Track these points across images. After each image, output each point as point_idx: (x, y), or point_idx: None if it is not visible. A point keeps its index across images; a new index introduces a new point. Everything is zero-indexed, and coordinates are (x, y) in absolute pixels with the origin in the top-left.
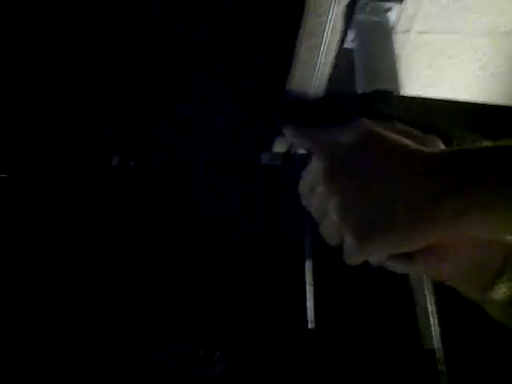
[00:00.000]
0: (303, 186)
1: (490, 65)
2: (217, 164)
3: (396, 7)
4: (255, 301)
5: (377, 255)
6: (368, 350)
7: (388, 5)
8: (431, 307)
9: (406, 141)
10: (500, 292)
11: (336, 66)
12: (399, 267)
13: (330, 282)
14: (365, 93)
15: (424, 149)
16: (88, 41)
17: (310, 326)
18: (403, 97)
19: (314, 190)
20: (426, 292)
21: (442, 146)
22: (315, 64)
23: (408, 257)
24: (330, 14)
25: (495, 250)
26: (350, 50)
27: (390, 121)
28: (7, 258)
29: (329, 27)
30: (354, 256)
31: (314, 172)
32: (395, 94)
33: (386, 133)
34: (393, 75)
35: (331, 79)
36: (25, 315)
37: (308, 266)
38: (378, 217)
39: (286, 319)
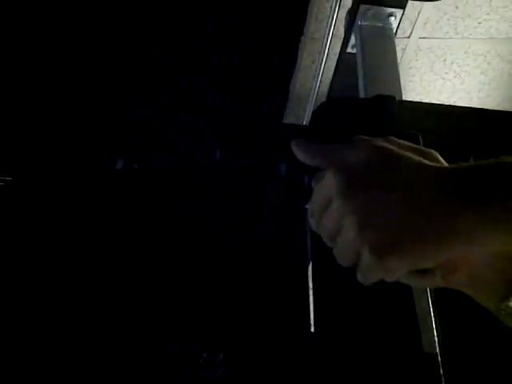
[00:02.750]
0: (314, 204)
1: (491, 70)
2: (221, 166)
3: (398, 13)
4: (258, 304)
5: (396, 271)
6: (368, 354)
7: (390, 10)
8: (432, 311)
9: (417, 157)
10: None
11: (338, 71)
12: (416, 282)
13: (330, 286)
14: (367, 98)
15: (438, 164)
16: (93, 44)
17: (311, 329)
18: (405, 102)
19: (328, 208)
20: (427, 295)
21: (442, 160)
22: (317, 69)
23: (425, 271)
24: (332, 19)
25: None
26: (352, 55)
27: (391, 125)
28: (11, 261)
29: (331, 32)
30: (371, 274)
31: (326, 189)
32: (397, 99)
33: (396, 149)
34: (395, 80)
35: (333, 84)
36: (27, 318)
37: (308, 269)
38: (398, 232)
39: (288, 323)
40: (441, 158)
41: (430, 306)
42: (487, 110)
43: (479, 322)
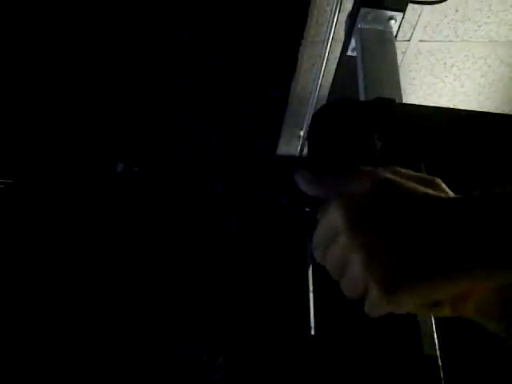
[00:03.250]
0: (319, 238)
1: (491, 73)
2: (220, 169)
3: (398, 16)
4: (258, 307)
5: (406, 306)
6: (369, 356)
7: (390, 13)
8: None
9: (422, 188)
10: None
11: (338, 74)
12: (424, 313)
13: (330, 289)
14: (367, 101)
15: (443, 195)
16: (93, 47)
17: (311, 332)
18: (405, 105)
19: (334, 242)
20: None
21: (445, 186)
22: (317, 72)
23: (434, 304)
24: (333, 22)
25: None
26: (353, 59)
27: (391, 128)
28: (11, 264)
29: (331, 35)
30: (379, 308)
31: (331, 223)
32: (397, 102)
33: (400, 180)
34: (395, 83)
35: (333, 87)
36: (26, 321)
37: (308, 273)
38: (405, 267)
39: (289, 326)
40: (444, 186)
41: None
42: (487, 112)
43: (479, 324)
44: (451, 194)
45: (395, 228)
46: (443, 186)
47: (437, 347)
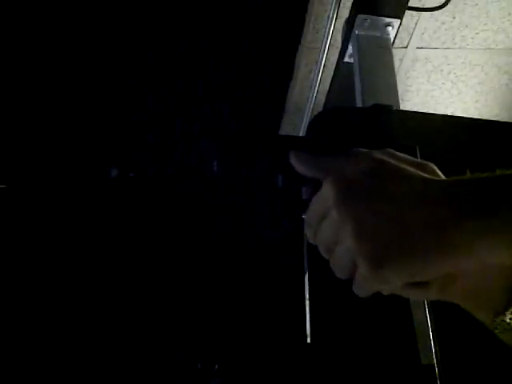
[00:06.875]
0: (312, 215)
1: (488, 81)
2: (216, 176)
3: (395, 22)
4: (253, 314)
5: (391, 283)
6: (366, 365)
7: (387, 20)
8: (429, 321)
9: (414, 169)
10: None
11: (335, 81)
12: (412, 294)
13: (327, 297)
14: (364, 107)
15: (436, 177)
16: (89, 51)
17: (307, 340)
18: (402, 111)
19: (325, 219)
20: (424, 305)
21: (439, 172)
22: (314, 78)
23: (421, 284)
24: (330, 28)
25: (508, 274)
26: (350, 65)
27: (389, 135)
28: (5, 271)
29: (328, 42)
30: (367, 285)
31: (324, 199)
32: (394, 108)
33: (394, 161)
34: (392, 90)
35: (330, 94)
36: (24, 325)
37: (304, 280)
38: (393, 243)
39: (284, 334)
40: (438, 171)
41: (427, 316)
42: (484, 120)
43: (477, 332)
44: (444, 178)
45: (386, 204)
46: (437, 171)
47: (434, 356)
